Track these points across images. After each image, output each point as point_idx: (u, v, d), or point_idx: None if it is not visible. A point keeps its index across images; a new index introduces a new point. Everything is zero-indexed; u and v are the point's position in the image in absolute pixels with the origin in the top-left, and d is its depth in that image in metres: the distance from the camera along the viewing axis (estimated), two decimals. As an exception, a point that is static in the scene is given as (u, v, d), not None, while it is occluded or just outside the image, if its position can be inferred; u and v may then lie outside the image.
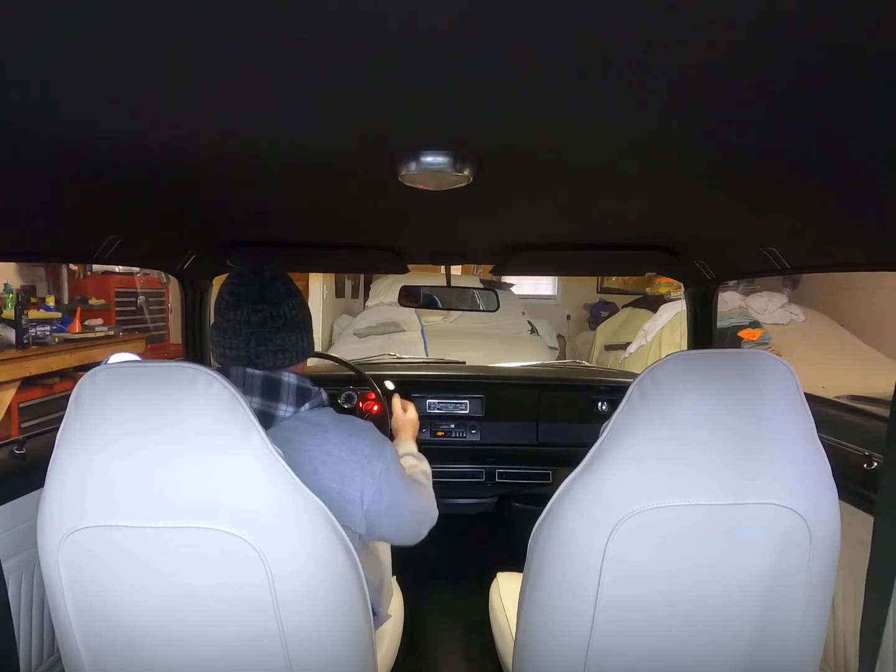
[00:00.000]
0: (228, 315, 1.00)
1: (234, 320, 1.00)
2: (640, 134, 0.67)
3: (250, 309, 0.99)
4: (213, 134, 0.69)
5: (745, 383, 0.83)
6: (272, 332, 1.00)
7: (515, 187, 0.95)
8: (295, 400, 1.00)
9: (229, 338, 1.00)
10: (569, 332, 7.39)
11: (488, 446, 2.12)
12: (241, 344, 0.99)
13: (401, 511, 1.06)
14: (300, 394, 1.01)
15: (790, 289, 5.39)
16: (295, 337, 1.03)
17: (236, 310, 0.99)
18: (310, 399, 1.02)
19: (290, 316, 1.01)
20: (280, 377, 1.00)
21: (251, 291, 1.00)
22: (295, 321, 1.02)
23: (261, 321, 0.99)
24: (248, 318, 0.99)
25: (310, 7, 0.39)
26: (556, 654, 0.90)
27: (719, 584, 0.84)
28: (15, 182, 0.86)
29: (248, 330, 0.99)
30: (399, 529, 1.09)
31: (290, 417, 0.99)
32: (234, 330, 1.00)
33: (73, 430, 0.79)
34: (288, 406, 0.99)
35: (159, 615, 0.80)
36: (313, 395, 1.03)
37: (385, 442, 1.05)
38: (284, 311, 1.01)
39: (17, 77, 0.51)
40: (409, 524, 1.11)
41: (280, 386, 0.99)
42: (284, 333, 1.01)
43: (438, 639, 1.99)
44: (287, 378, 1.00)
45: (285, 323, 1.01)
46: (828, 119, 0.60)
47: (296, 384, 1.01)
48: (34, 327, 3.63)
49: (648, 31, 0.42)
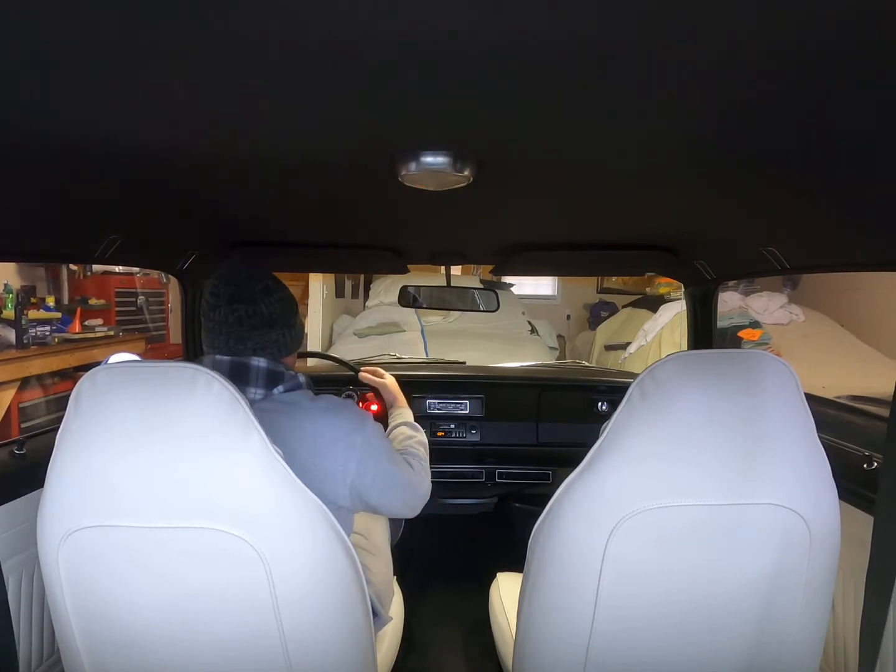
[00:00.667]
0: (209, 315, 1.02)
1: (214, 320, 1.02)
2: (640, 134, 0.67)
3: (227, 309, 1.01)
4: (213, 134, 0.69)
5: (745, 383, 0.83)
6: (249, 329, 1.01)
7: (515, 187, 0.95)
8: (265, 383, 1.01)
9: (212, 337, 1.02)
10: (569, 332, 7.39)
11: (488, 446, 2.12)
12: (222, 343, 1.01)
13: (388, 482, 1.06)
14: (270, 377, 1.02)
15: (790, 289, 5.39)
16: (275, 333, 1.03)
17: (216, 310, 1.01)
18: (283, 381, 1.02)
19: (267, 313, 1.02)
20: (248, 361, 1.01)
21: (228, 291, 1.01)
22: (273, 318, 1.03)
23: (237, 320, 1.00)
24: (226, 318, 1.01)
25: (310, 7, 0.39)
26: (556, 654, 0.90)
27: (719, 584, 0.84)
28: (15, 182, 0.86)
29: (226, 329, 1.01)
30: (389, 502, 1.09)
31: (261, 400, 1.00)
32: (216, 330, 1.02)
33: (72, 430, 0.79)
34: (258, 389, 1.00)
35: (159, 615, 0.80)
36: (287, 378, 1.03)
37: (365, 416, 1.05)
38: (261, 308, 1.02)
39: (18, 77, 0.51)
40: (399, 496, 1.11)
41: (248, 370, 1.01)
42: (263, 331, 1.02)
43: (438, 639, 1.98)
44: (256, 362, 1.01)
45: (262, 320, 1.02)
46: (828, 119, 0.60)
47: (265, 368, 1.02)
48: (34, 327, 3.64)
49: (648, 32, 0.42)
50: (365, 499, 1.03)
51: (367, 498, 1.03)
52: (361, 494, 1.02)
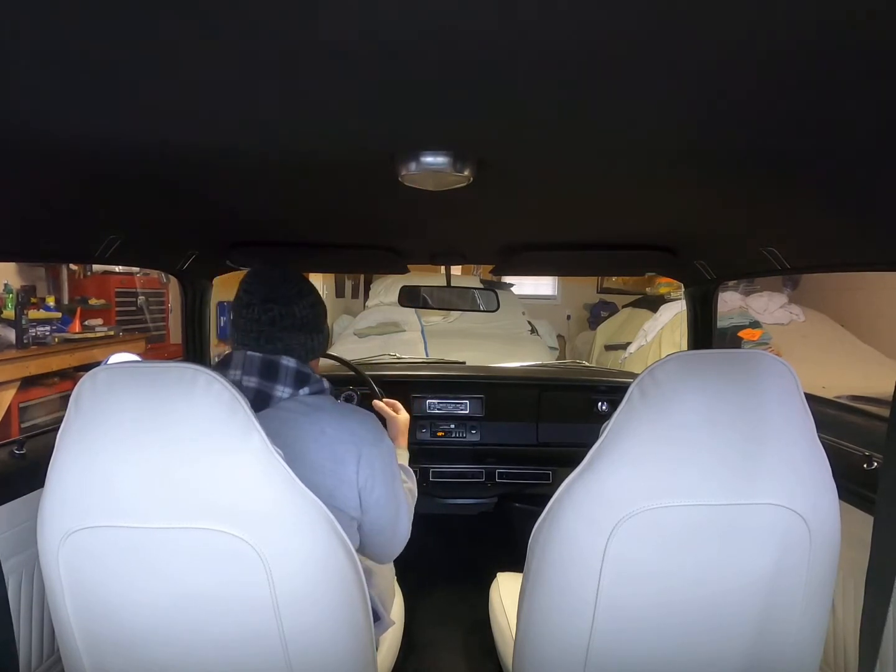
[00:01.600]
0: (242, 313, 1.04)
1: (246, 318, 1.03)
2: (639, 134, 0.67)
3: (261, 308, 1.02)
4: (213, 134, 0.69)
5: (745, 383, 0.83)
6: (280, 331, 1.02)
7: (515, 187, 0.95)
8: (293, 382, 1.01)
9: (242, 334, 1.04)
10: (569, 332, 7.39)
11: (488, 446, 2.12)
12: (252, 341, 1.03)
13: (386, 510, 1.05)
14: (299, 377, 1.02)
15: (790, 289, 5.39)
16: (304, 336, 1.05)
17: (249, 308, 1.03)
18: (309, 384, 1.03)
19: (299, 316, 1.04)
20: (279, 360, 1.02)
21: (263, 291, 1.03)
22: (305, 321, 1.05)
23: (270, 320, 1.02)
24: (259, 317, 1.02)
25: (309, 7, 0.39)
26: (556, 654, 0.90)
27: (719, 584, 0.84)
28: (15, 182, 0.86)
29: (258, 328, 1.02)
30: (380, 530, 1.06)
31: (287, 399, 1.00)
32: (247, 328, 1.03)
33: (73, 430, 0.79)
34: (285, 387, 1.01)
35: (159, 615, 0.80)
36: (313, 380, 1.04)
37: (383, 432, 1.05)
38: (294, 310, 1.03)
39: (17, 77, 0.51)
40: (389, 528, 1.08)
41: (278, 367, 1.01)
42: (293, 333, 1.03)
43: (438, 639, 1.98)
44: (286, 362, 1.02)
45: (294, 322, 1.03)
46: (828, 119, 0.60)
47: (295, 368, 1.02)
48: (34, 327, 3.64)
49: (648, 32, 0.42)
50: (363, 513, 1.02)
51: (363, 515, 1.02)
52: (361, 506, 1.01)
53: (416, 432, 2.09)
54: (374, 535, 1.07)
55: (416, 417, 2.07)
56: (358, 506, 1.00)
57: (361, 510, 1.01)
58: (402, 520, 1.12)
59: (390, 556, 1.15)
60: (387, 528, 1.08)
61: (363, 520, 1.03)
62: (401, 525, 1.12)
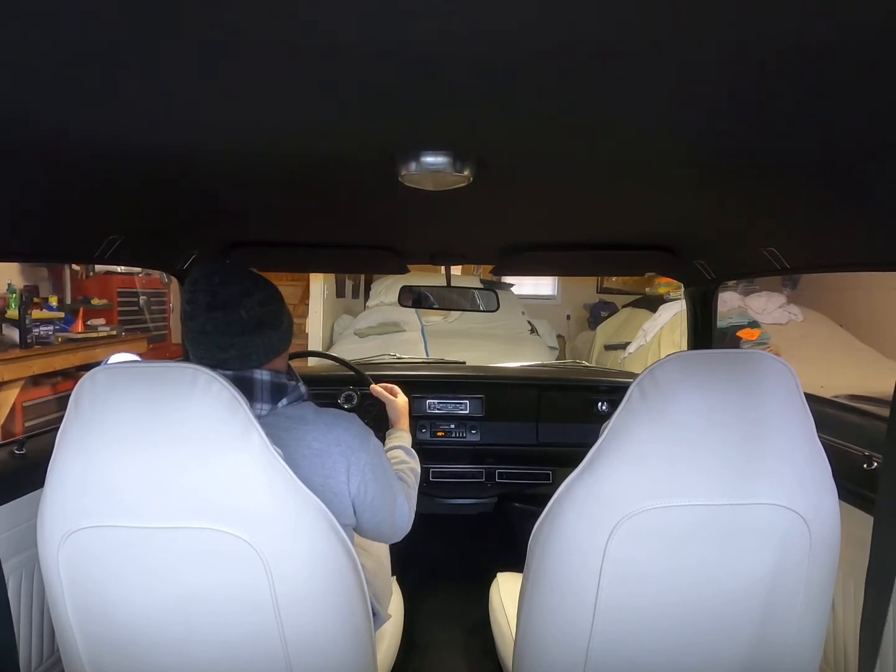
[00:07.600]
0: (189, 325, 0.98)
1: (194, 330, 0.97)
2: (639, 134, 0.67)
3: (205, 318, 0.96)
4: (214, 134, 0.70)
5: (744, 383, 0.83)
6: (231, 337, 0.96)
7: (515, 187, 0.95)
8: (270, 397, 0.99)
9: (195, 346, 0.98)
10: (569, 332, 7.39)
11: (488, 446, 2.12)
12: (206, 352, 0.97)
13: (383, 507, 1.05)
14: (275, 390, 0.99)
15: (789, 289, 5.39)
16: (258, 338, 0.98)
17: (194, 319, 0.97)
18: (286, 394, 1.00)
19: (247, 318, 0.97)
20: (251, 375, 0.98)
21: (204, 299, 0.96)
22: (256, 321, 0.98)
23: (216, 329, 0.96)
24: (204, 328, 0.96)
25: (309, 7, 0.39)
26: (556, 654, 0.90)
27: (719, 585, 0.84)
28: (16, 182, 0.86)
29: (207, 340, 0.96)
30: (378, 526, 1.08)
31: (266, 415, 0.98)
32: (198, 340, 0.97)
33: (73, 430, 0.79)
34: (263, 404, 0.98)
35: (159, 615, 0.80)
36: (290, 389, 1.01)
37: (368, 432, 1.03)
38: (240, 314, 0.96)
39: (17, 77, 0.51)
40: (388, 522, 1.10)
41: (252, 384, 0.97)
42: (246, 336, 0.97)
43: (438, 639, 1.98)
44: (259, 375, 0.98)
45: (243, 326, 0.96)
46: (828, 119, 0.60)
47: (269, 381, 0.99)
48: (37, 327, 3.65)
49: (648, 31, 0.42)
50: (357, 518, 1.03)
51: (359, 518, 1.03)
52: (356, 512, 1.02)
53: (416, 432, 2.09)
54: (373, 528, 1.08)
55: (416, 417, 2.07)
56: (352, 514, 1.00)
57: (358, 512, 1.02)
58: (401, 507, 1.13)
59: (393, 539, 1.17)
60: (386, 521, 1.09)
61: (361, 518, 1.03)
62: (400, 512, 1.13)
